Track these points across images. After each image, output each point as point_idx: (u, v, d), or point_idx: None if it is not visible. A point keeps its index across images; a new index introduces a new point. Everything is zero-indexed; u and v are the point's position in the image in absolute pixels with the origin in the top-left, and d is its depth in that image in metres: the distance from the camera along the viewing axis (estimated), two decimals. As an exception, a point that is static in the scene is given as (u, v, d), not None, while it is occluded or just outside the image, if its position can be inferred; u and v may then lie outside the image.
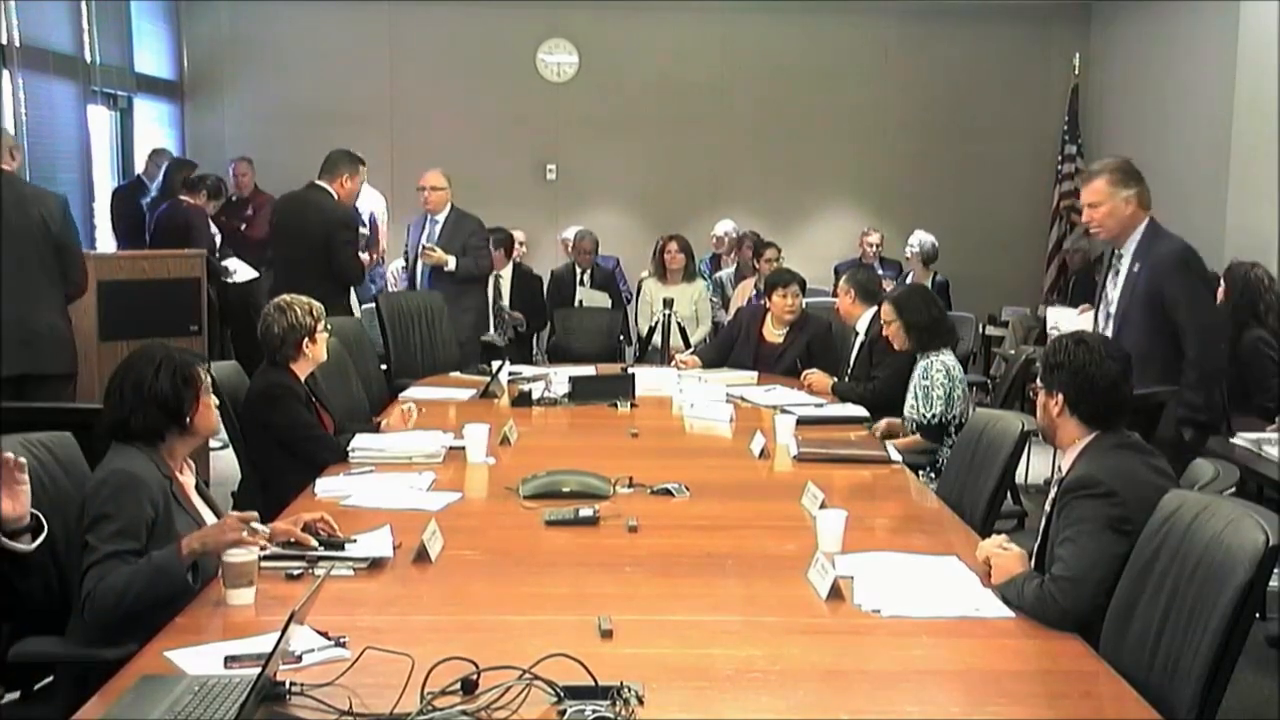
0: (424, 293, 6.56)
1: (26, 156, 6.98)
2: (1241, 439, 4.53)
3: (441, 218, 6.65)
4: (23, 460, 2.50)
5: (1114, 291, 4.30)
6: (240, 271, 7.90)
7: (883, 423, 4.76)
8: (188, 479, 2.93)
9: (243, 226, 8.61)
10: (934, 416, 4.63)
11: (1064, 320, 6.88)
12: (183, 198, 7.72)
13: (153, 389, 2.81)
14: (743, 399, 5.25)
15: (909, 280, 8.40)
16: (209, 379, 2.98)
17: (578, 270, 8.19)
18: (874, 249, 9.12)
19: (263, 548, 2.74)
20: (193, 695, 2.08)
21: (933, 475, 4.56)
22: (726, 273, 8.82)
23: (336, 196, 6.08)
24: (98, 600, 2.54)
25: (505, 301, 7.73)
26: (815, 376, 5.49)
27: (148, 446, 2.81)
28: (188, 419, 2.86)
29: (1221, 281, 5.67)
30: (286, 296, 4.20)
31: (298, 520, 2.92)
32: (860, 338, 5.58)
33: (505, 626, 2.53)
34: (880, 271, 8.49)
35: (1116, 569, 2.53)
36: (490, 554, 3.07)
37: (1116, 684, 2.26)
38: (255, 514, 2.76)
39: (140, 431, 2.81)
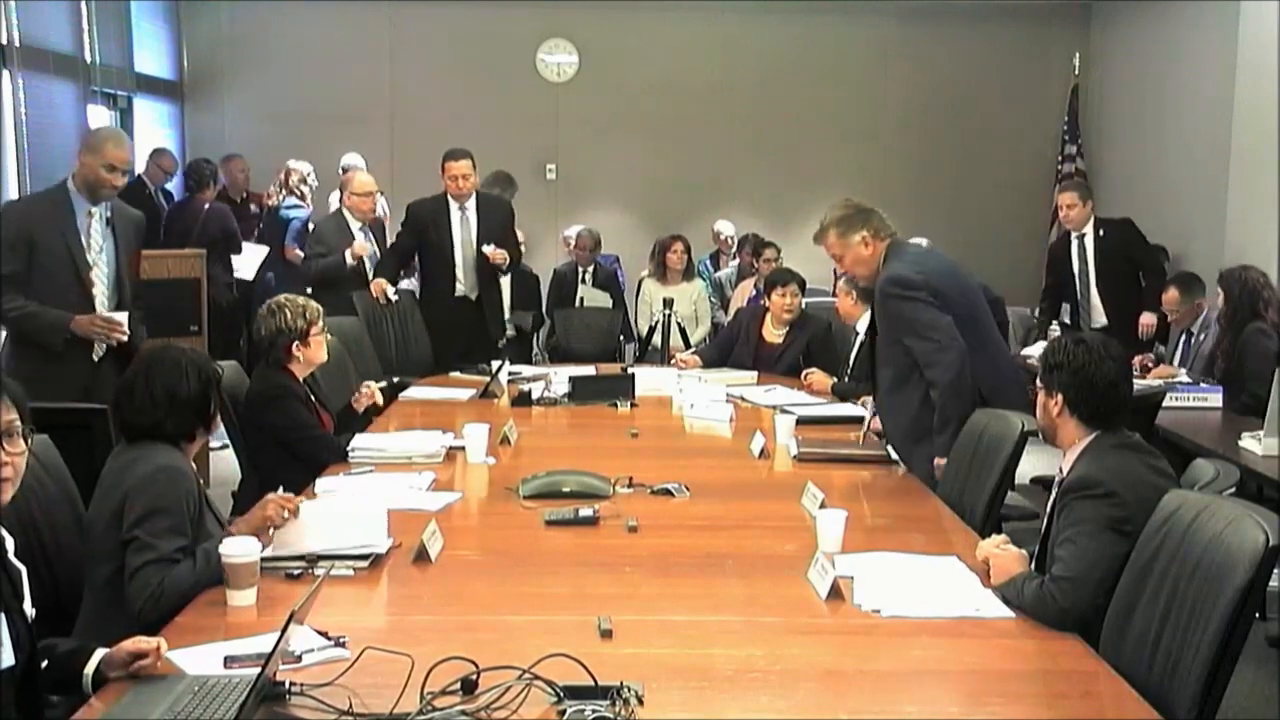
0: (401, 291, 6.53)
1: (26, 156, 6.99)
2: (1245, 439, 4.52)
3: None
4: None
5: None
6: (245, 268, 7.93)
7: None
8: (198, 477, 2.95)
9: (261, 227, 8.62)
10: None
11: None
12: (196, 196, 7.83)
13: (186, 393, 2.84)
14: (743, 399, 5.25)
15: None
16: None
17: (579, 269, 8.19)
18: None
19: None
20: (193, 695, 2.08)
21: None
22: (726, 273, 8.82)
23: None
24: (165, 600, 2.57)
25: (505, 301, 7.72)
26: (816, 376, 5.49)
27: (173, 446, 2.82)
28: (211, 421, 2.91)
29: (1220, 291, 5.70)
30: (282, 297, 4.21)
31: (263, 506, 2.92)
32: (860, 338, 5.58)
33: (505, 626, 2.53)
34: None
35: (1116, 569, 2.53)
36: (490, 554, 3.07)
37: (1116, 684, 2.26)
38: (293, 496, 2.86)
39: (172, 434, 2.82)
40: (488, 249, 6.20)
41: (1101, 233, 6.69)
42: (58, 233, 4.36)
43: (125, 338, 4.38)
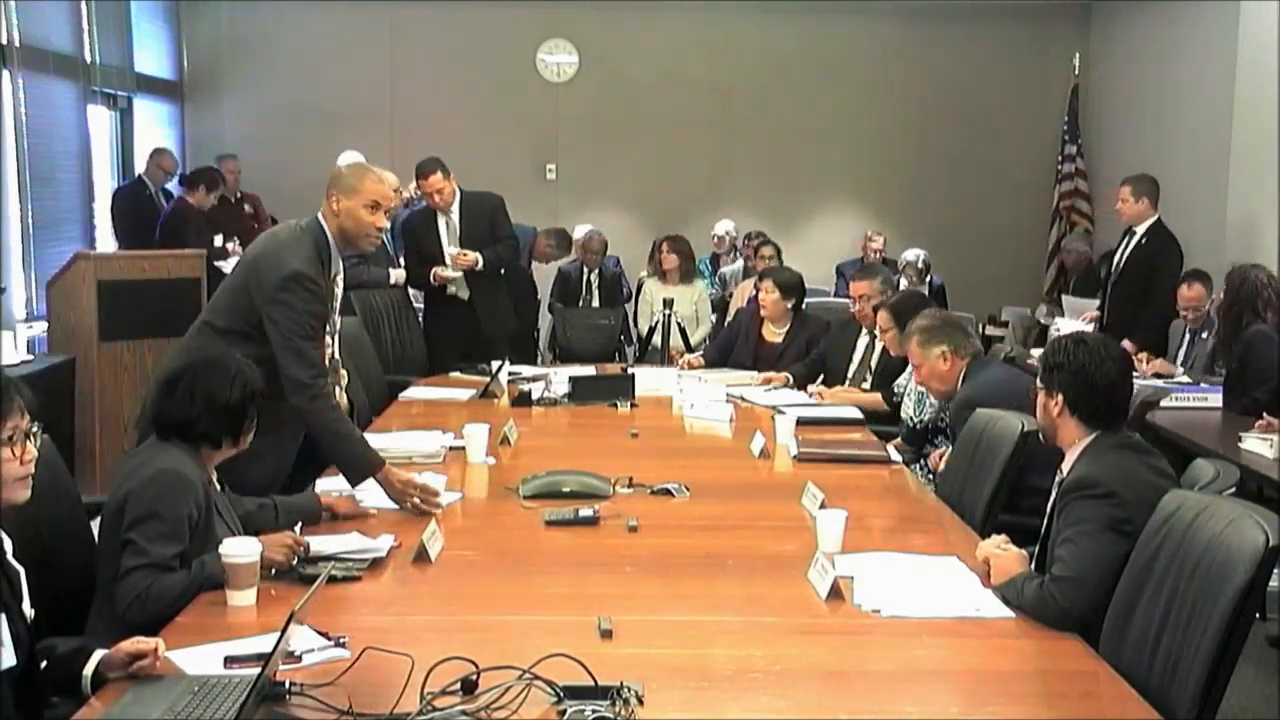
0: (393, 290, 6.54)
1: (26, 157, 7.00)
2: (1249, 441, 4.51)
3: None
4: None
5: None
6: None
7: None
8: (214, 483, 2.94)
9: (255, 226, 8.64)
10: (920, 422, 4.63)
11: (1066, 326, 6.91)
12: (183, 195, 7.92)
13: (226, 401, 2.83)
14: (743, 399, 5.25)
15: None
16: None
17: (585, 270, 8.18)
18: (877, 253, 9.10)
19: (300, 557, 2.78)
20: (193, 695, 2.08)
21: (925, 476, 4.55)
22: (733, 269, 8.74)
23: None
24: (150, 605, 2.55)
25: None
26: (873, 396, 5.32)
27: (190, 448, 2.81)
28: (242, 435, 2.90)
29: (1225, 284, 5.68)
30: None
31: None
32: (865, 347, 5.51)
33: (505, 626, 2.53)
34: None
35: (1116, 569, 2.53)
36: (490, 554, 3.07)
37: (1116, 684, 2.26)
38: (306, 540, 2.83)
39: (198, 438, 2.82)
40: (451, 252, 6.15)
41: (1145, 240, 6.66)
42: (327, 304, 3.58)
43: (439, 511, 3.32)
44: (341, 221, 3.54)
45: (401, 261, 6.66)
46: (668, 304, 7.28)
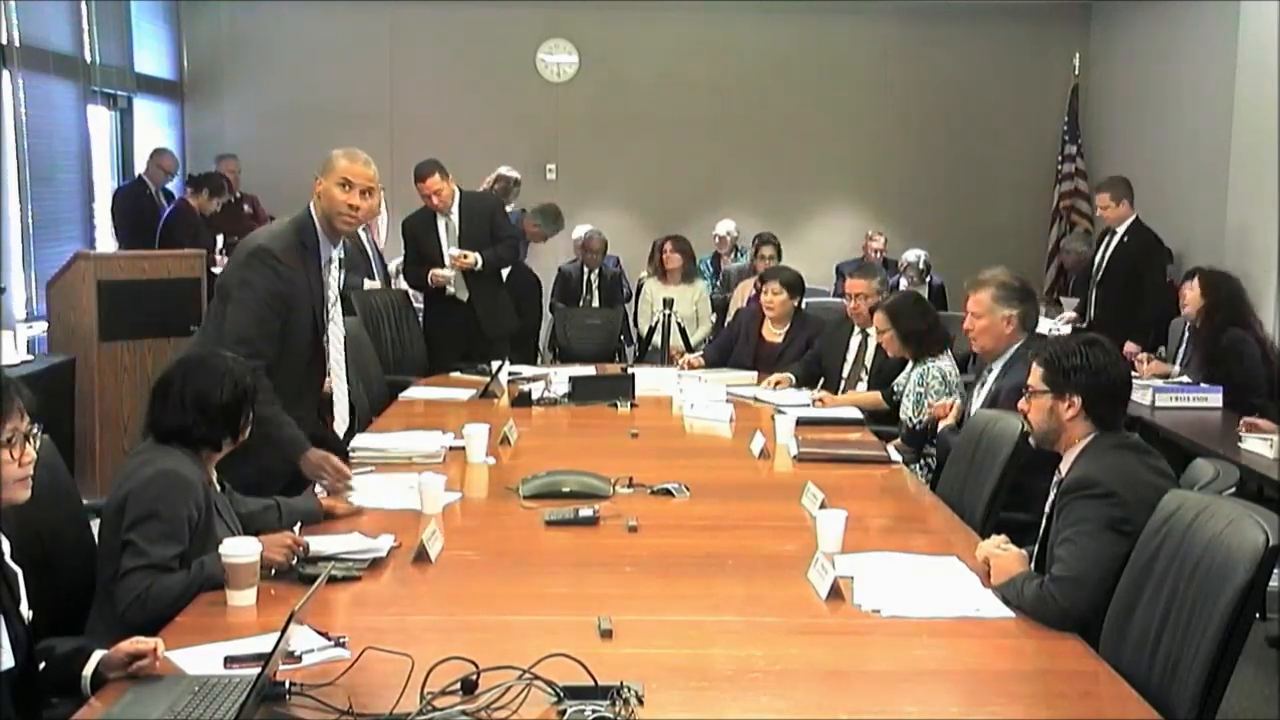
0: (393, 290, 6.53)
1: (26, 156, 7.00)
2: (1249, 440, 4.51)
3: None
4: None
5: (975, 402, 4.27)
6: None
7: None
8: (214, 484, 2.94)
9: (255, 226, 8.66)
10: (920, 422, 4.62)
11: (1062, 328, 6.91)
12: (185, 196, 7.97)
13: (219, 403, 2.83)
14: (755, 399, 5.25)
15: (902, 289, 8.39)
16: None
17: (585, 270, 8.18)
18: (877, 252, 9.10)
19: (300, 557, 2.78)
20: (193, 695, 2.08)
21: (925, 475, 4.54)
22: (736, 265, 8.73)
23: None
24: (150, 605, 2.55)
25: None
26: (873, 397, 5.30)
27: (189, 450, 2.81)
28: (241, 432, 2.90)
29: (1196, 284, 5.65)
30: None
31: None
32: (860, 346, 5.51)
33: (505, 626, 2.54)
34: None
35: (1116, 569, 2.53)
36: (490, 554, 3.07)
37: (1116, 684, 2.26)
38: (306, 540, 2.83)
39: (197, 441, 2.82)
40: (453, 252, 6.12)
41: (1126, 239, 6.68)
42: (306, 290, 3.57)
43: (352, 493, 3.43)
44: (321, 203, 3.59)
45: (391, 269, 6.65)
46: (668, 304, 7.28)
